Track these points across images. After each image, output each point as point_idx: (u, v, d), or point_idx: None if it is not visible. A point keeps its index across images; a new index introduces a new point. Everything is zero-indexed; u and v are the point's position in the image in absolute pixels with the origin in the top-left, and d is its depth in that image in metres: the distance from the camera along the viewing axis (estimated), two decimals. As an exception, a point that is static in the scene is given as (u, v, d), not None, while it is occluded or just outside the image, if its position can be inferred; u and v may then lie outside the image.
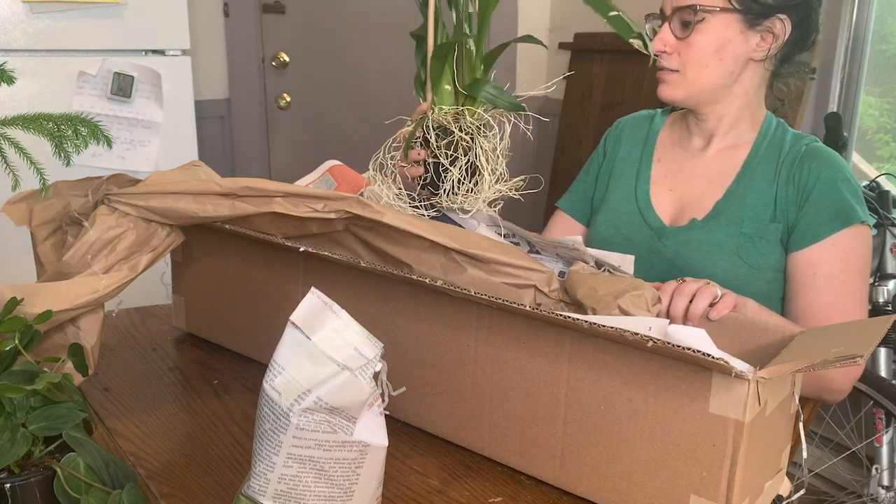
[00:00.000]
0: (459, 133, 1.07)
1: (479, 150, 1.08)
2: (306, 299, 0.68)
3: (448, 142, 1.07)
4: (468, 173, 1.07)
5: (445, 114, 1.08)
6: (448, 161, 1.07)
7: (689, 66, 1.19)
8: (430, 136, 1.08)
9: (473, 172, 1.08)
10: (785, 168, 1.19)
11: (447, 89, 1.09)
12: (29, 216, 1.03)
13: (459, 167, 1.07)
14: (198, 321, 1.26)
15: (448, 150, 1.07)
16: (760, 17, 1.16)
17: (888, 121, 2.35)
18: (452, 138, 1.07)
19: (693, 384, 0.74)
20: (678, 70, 1.20)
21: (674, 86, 1.21)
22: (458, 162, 1.07)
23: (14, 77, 0.87)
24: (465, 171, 1.07)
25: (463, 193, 1.07)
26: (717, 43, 1.17)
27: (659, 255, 1.24)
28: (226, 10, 2.74)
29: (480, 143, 1.08)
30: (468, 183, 1.07)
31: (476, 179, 1.08)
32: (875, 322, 0.78)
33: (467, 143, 1.07)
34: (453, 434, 0.95)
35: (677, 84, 1.21)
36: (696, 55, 1.18)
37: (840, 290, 1.13)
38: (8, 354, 0.79)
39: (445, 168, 1.07)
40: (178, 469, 0.89)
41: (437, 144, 1.07)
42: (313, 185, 1.24)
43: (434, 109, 1.09)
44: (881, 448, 1.95)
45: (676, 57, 1.20)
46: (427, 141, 1.09)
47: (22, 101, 1.99)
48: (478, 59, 1.09)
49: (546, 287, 0.93)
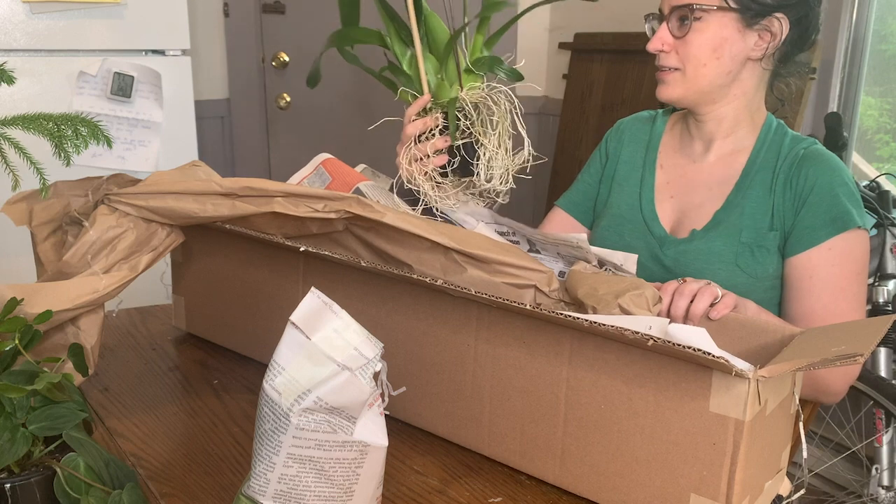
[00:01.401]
0: (495, 107, 1.09)
1: (508, 123, 1.10)
2: (306, 299, 0.68)
3: (473, 121, 1.09)
4: (498, 146, 1.09)
5: (474, 92, 1.09)
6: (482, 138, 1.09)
7: (688, 65, 1.19)
8: (459, 119, 1.09)
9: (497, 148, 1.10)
10: (782, 173, 1.18)
11: (451, 74, 1.10)
12: (29, 216, 1.03)
13: (492, 141, 1.08)
14: (198, 321, 1.26)
15: (483, 128, 1.08)
16: (758, 16, 1.16)
17: (888, 121, 2.35)
18: (476, 118, 1.08)
19: (693, 383, 0.74)
20: (678, 68, 1.20)
21: (673, 85, 1.21)
22: (491, 137, 1.08)
23: (14, 77, 0.87)
24: (497, 143, 1.09)
25: (499, 166, 1.09)
26: (715, 41, 1.17)
27: (659, 263, 1.24)
28: (226, 10, 2.74)
29: (505, 117, 1.10)
30: (499, 158, 1.09)
31: (501, 153, 1.10)
32: (875, 322, 0.78)
33: (494, 116, 1.09)
34: (453, 434, 0.95)
35: (677, 83, 1.21)
36: (693, 53, 1.18)
37: (837, 294, 1.13)
38: (8, 354, 0.79)
39: (481, 144, 1.08)
40: (178, 469, 0.89)
41: (470, 122, 1.09)
42: (307, 180, 1.23)
43: (462, 90, 1.10)
44: (881, 448, 1.94)
45: (675, 55, 1.20)
46: (448, 127, 1.09)
47: (22, 101, 1.99)
48: (479, 37, 1.11)
49: (546, 287, 0.93)
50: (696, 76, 1.19)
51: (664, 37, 1.19)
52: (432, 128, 1.11)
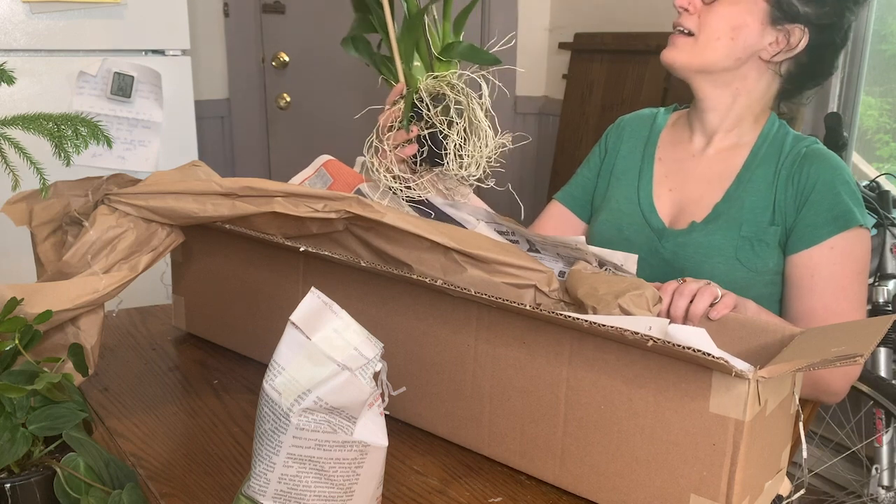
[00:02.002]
0: (457, 96, 1.07)
1: (476, 109, 1.08)
2: (306, 299, 0.68)
3: (440, 108, 1.08)
4: (467, 135, 1.08)
5: (437, 81, 1.08)
6: (447, 127, 1.07)
7: (703, 33, 1.19)
8: (421, 108, 1.08)
9: (467, 137, 1.09)
10: (784, 170, 1.19)
11: (418, 62, 1.09)
12: (29, 216, 1.03)
13: (457, 131, 1.07)
14: (198, 321, 1.26)
15: (445, 117, 1.07)
16: (785, 19, 1.17)
17: (888, 121, 2.35)
18: (443, 105, 1.07)
19: (693, 383, 0.74)
20: (692, 34, 1.20)
21: (681, 49, 1.21)
22: (456, 126, 1.07)
23: (14, 77, 0.87)
24: (464, 133, 1.08)
25: (469, 155, 1.08)
26: (737, 20, 1.17)
27: (658, 256, 1.24)
28: (226, 10, 2.74)
29: (473, 103, 1.08)
30: (469, 144, 1.08)
31: (473, 141, 1.09)
32: (875, 322, 0.78)
33: (461, 105, 1.08)
34: (453, 434, 0.95)
35: (685, 48, 1.21)
36: (714, 24, 1.18)
37: (838, 293, 1.13)
38: (8, 354, 0.79)
39: (445, 135, 1.07)
40: (178, 469, 0.89)
41: (432, 113, 1.08)
42: (309, 181, 1.23)
43: (420, 80, 1.08)
44: (881, 448, 1.94)
45: (696, 19, 1.20)
46: (419, 115, 1.08)
47: (22, 101, 1.99)
48: (447, 23, 1.10)
49: (546, 287, 0.93)
50: (706, 48, 1.19)
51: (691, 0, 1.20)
52: (399, 119, 1.10)
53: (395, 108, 1.10)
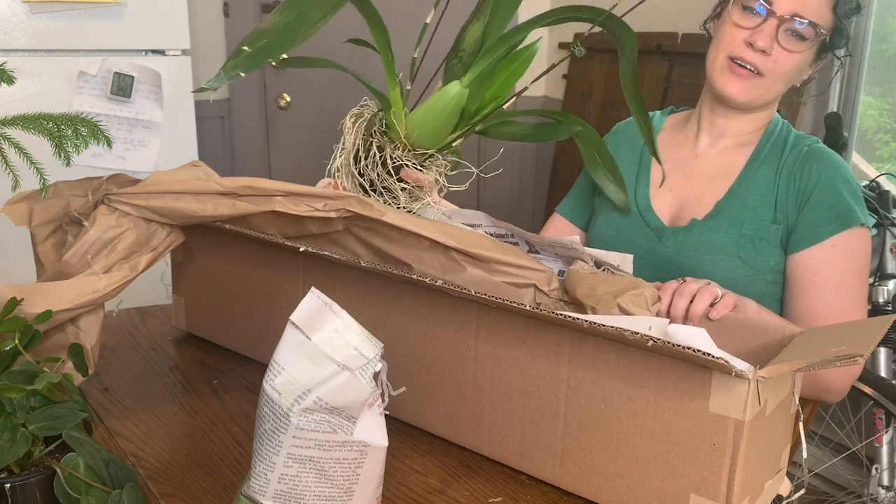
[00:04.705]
0: (423, 169, 1.05)
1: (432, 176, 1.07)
2: (306, 299, 0.68)
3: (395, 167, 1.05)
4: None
5: (413, 154, 1.06)
6: (394, 184, 1.05)
7: (770, 76, 1.17)
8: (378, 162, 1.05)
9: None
10: (786, 169, 1.19)
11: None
12: (29, 216, 1.03)
13: (405, 189, 1.05)
14: (198, 321, 1.26)
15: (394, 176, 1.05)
16: (829, 50, 1.19)
17: (888, 121, 2.35)
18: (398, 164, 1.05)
19: (693, 383, 0.74)
20: (763, 76, 1.17)
21: (750, 87, 1.18)
22: (406, 187, 1.05)
23: (14, 77, 0.87)
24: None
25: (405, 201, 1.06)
26: (800, 66, 1.18)
27: (658, 255, 1.24)
28: (226, 10, 2.74)
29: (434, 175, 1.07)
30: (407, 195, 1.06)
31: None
32: (875, 322, 0.78)
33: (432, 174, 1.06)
34: (453, 434, 0.95)
35: (754, 88, 1.18)
36: (784, 70, 1.17)
37: (839, 292, 1.13)
38: (8, 354, 0.79)
39: (389, 190, 1.05)
40: (178, 469, 0.89)
41: (384, 171, 1.05)
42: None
43: (400, 146, 1.05)
44: (881, 448, 1.95)
45: (772, 63, 1.16)
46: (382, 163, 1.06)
47: (22, 101, 1.99)
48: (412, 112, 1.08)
49: (546, 286, 0.93)
50: (769, 90, 1.19)
51: (772, 44, 1.14)
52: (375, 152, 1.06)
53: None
